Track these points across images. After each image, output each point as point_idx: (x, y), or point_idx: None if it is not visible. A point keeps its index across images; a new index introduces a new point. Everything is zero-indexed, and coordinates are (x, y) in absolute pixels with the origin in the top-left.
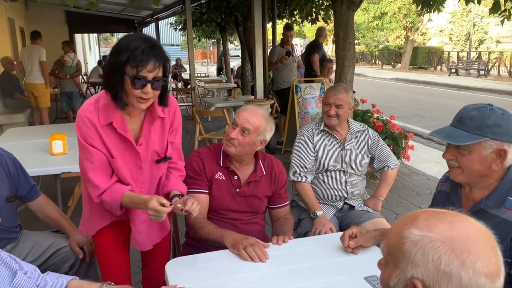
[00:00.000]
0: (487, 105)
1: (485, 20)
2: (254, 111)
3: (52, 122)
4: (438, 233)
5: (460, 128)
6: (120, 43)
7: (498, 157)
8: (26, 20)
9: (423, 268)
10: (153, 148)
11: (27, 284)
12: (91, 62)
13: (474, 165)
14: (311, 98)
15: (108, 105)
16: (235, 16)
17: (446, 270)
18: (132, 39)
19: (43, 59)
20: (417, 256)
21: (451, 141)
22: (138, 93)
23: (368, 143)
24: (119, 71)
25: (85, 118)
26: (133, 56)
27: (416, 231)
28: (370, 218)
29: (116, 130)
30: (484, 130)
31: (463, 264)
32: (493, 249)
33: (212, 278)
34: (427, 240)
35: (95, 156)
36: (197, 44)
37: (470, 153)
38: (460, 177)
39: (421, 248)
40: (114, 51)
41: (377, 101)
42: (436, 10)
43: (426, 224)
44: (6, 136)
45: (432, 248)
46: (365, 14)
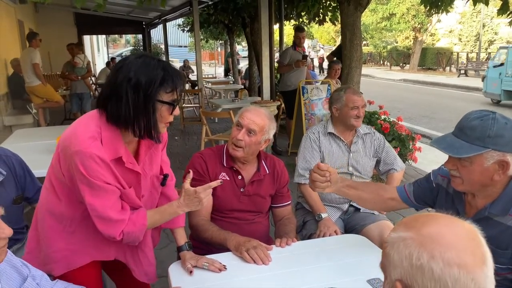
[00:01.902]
0: (490, 113)
1: (495, 21)
2: (258, 111)
3: (61, 123)
4: (412, 232)
5: (461, 138)
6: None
7: (500, 168)
8: (36, 22)
9: (400, 268)
10: (151, 173)
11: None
12: (100, 64)
13: (475, 176)
14: (317, 100)
15: (113, 138)
16: (243, 17)
17: (417, 264)
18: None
19: (35, 61)
20: (395, 256)
21: (451, 153)
22: (170, 118)
23: (374, 145)
24: (153, 102)
25: (94, 156)
26: (167, 82)
27: (393, 234)
28: (376, 220)
29: (123, 164)
30: (485, 141)
31: (432, 256)
32: (472, 242)
33: (215, 281)
34: (400, 239)
35: (110, 193)
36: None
37: (471, 164)
38: (461, 187)
39: (397, 248)
40: (137, 85)
41: (384, 102)
42: (444, 11)
43: (403, 226)
44: (14, 138)
45: (404, 246)
46: (373, 15)
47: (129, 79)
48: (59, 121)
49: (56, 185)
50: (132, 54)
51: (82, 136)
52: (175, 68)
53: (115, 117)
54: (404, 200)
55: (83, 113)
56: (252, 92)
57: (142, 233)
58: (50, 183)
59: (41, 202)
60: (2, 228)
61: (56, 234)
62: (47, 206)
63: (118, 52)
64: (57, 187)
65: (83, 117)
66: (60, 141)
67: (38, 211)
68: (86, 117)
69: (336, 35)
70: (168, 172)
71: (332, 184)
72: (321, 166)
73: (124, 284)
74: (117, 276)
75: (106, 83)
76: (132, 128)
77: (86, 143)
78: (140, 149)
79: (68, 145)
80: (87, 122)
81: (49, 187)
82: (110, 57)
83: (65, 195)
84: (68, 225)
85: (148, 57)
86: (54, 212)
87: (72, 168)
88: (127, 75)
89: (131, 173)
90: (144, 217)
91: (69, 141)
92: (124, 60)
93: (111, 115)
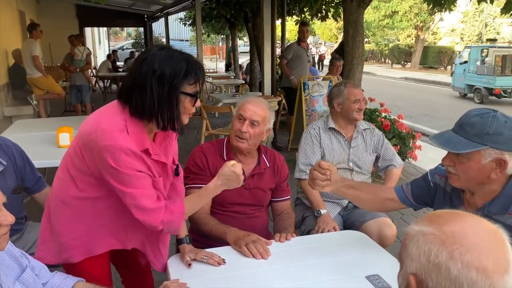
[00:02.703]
0: (491, 111)
1: (498, 20)
2: (258, 102)
3: (61, 114)
4: (434, 227)
5: (460, 134)
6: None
7: (497, 166)
8: (37, 13)
9: (416, 262)
10: (169, 163)
11: (34, 281)
12: (101, 56)
13: (471, 173)
14: (318, 96)
15: (138, 130)
16: (245, 12)
17: (435, 261)
18: (174, 57)
19: (34, 54)
20: (413, 250)
21: (449, 148)
22: (192, 109)
23: (374, 141)
24: (178, 94)
25: (124, 148)
26: (191, 74)
27: (415, 227)
28: (375, 217)
29: (150, 156)
30: (484, 138)
31: (451, 256)
32: (496, 246)
33: (214, 274)
34: (422, 234)
35: (143, 181)
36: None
37: (468, 160)
38: (458, 183)
39: (416, 242)
40: (162, 77)
41: (385, 100)
42: (448, 9)
43: (426, 220)
44: (14, 128)
45: (424, 241)
46: (375, 13)
47: (154, 71)
48: (59, 113)
49: (75, 176)
50: (155, 46)
51: (109, 129)
52: (197, 60)
53: (139, 109)
54: (403, 200)
55: (82, 105)
56: (253, 87)
57: (182, 222)
58: (68, 173)
59: (54, 194)
60: (5, 215)
61: (74, 224)
62: (63, 196)
63: (119, 45)
64: (78, 178)
65: (104, 109)
66: (82, 135)
67: (52, 203)
68: (107, 109)
69: (337, 32)
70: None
71: (331, 183)
72: (323, 165)
73: (127, 274)
74: (121, 267)
75: (129, 75)
76: (156, 120)
77: (114, 136)
78: (155, 140)
79: (94, 139)
80: (111, 114)
81: (66, 178)
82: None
83: (87, 184)
84: (89, 212)
85: (171, 49)
86: (71, 202)
87: (101, 163)
88: (152, 66)
89: (157, 164)
90: (182, 205)
91: (95, 135)
92: (147, 52)
93: (135, 108)
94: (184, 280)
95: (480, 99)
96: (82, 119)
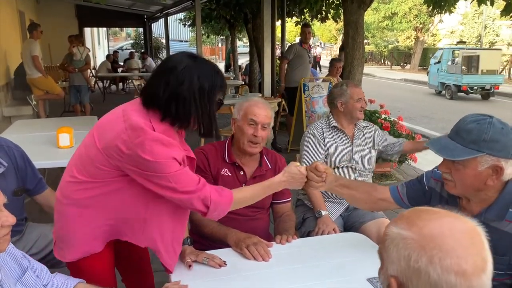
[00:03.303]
0: (487, 117)
1: (497, 23)
2: (263, 104)
3: (60, 115)
4: (413, 231)
5: (456, 141)
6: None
7: (494, 173)
8: (37, 14)
9: (397, 265)
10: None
11: (35, 283)
12: (100, 57)
13: (468, 180)
14: (318, 97)
15: (167, 130)
16: (245, 13)
17: (415, 266)
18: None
19: (34, 54)
20: (393, 253)
21: (445, 155)
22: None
23: (373, 137)
24: (213, 100)
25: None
26: (223, 82)
27: (394, 229)
28: (374, 218)
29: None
30: (480, 144)
31: (431, 261)
32: (474, 247)
33: (215, 276)
34: (401, 238)
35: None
36: (206, 41)
37: (464, 167)
38: (454, 190)
39: (396, 245)
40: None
41: (385, 102)
42: (448, 11)
43: (405, 222)
44: (14, 128)
45: (404, 245)
46: (375, 14)
47: (195, 84)
48: (59, 113)
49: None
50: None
51: (139, 127)
52: (220, 70)
53: (173, 117)
54: (397, 201)
55: (82, 105)
56: (253, 88)
57: (228, 208)
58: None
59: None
60: (6, 216)
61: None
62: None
63: (118, 45)
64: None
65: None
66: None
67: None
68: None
69: (337, 33)
70: None
71: (326, 183)
72: (319, 168)
73: (128, 272)
74: (122, 265)
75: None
76: (198, 127)
77: (146, 131)
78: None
79: (127, 139)
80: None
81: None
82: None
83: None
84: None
85: (203, 59)
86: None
87: (138, 162)
88: (191, 79)
89: (187, 159)
90: (230, 194)
91: (126, 136)
92: (178, 62)
93: (170, 115)
94: (185, 282)
95: (451, 95)
96: (82, 120)
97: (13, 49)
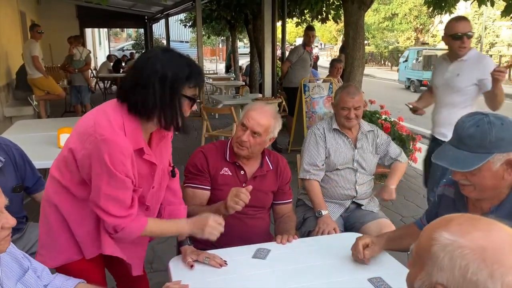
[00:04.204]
0: (483, 117)
1: (497, 23)
2: (263, 110)
3: (61, 115)
4: (470, 240)
5: (463, 149)
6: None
7: (508, 166)
8: (38, 14)
9: (448, 274)
10: (162, 165)
11: (36, 283)
12: (101, 57)
13: (486, 182)
14: (319, 98)
15: (135, 129)
16: (245, 14)
17: (472, 279)
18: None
19: (34, 54)
20: (444, 260)
21: (459, 168)
22: (188, 112)
23: (376, 142)
24: (179, 96)
25: (122, 147)
26: (192, 77)
27: (446, 235)
28: (375, 218)
29: (142, 155)
30: (487, 146)
31: (492, 275)
32: None
33: (215, 276)
34: (457, 246)
35: (126, 187)
36: (206, 41)
37: (480, 171)
38: (474, 193)
39: (449, 253)
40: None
41: (385, 103)
42: (448, 12)
43: (459, 229)
44: (15, 128)
45: (461, 255)
46: (375, 15)
47: (156, 72)
48: (59, 114)
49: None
50: (158, 47)
51: (109, 125)
52: (198, 65)
53: (139, 108)
54: None
55: (82, 106)
56: (253, 89)
57: (136, 235)
58: (59, 172)
59: (47, 195)
60: (7, 218)
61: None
62: (55, 197)
63: (119, 46)
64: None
65: (104, 106)
66: (78, 131)
67: (45, 204)
68: (106, 106)
69: (337, 34)
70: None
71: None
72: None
73: (120, 276)
74: (114, 269)
75: (130, 74)
76: (158, 119)
77: (115, 132)
78: (152, 141)
79: (92, 133)
80: (110, 112)
81: (55, 178)
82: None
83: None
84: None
85: (175, 52)
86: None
87: (94, 156)
88: (154, 68)
89: (147, 164)
90: (144, 225)
91: (92, 129)
92: (149, 52)
93: (135, 106)
94: (186, 282)
95: (414, 89)
96: None
97: (14, 50)
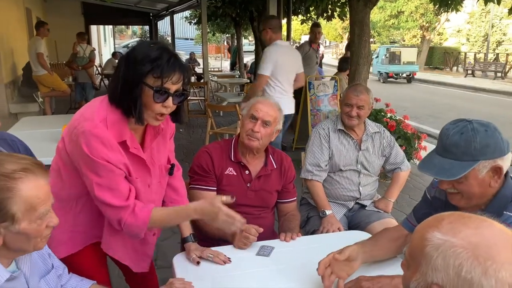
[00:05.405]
0: (467, 124)
1: (504, 22)
2: (269, 102)
3: (66, 112)
4: (462, 238)
5: (449, 157)
6: (138, 51)
7: (494, 173)
8: (44, 11)
9: (443, 274)
10: (159, 163)
11: (56, 283)
12: (106, 54)
13: (473, 189)
14: (324, 96)
15: (118, 121)
16: (250, 11)
17: (467, 277)
18: (151, 47)
19: (39, 51)
20: (438, 260)
21: (445, 177)
22: (158, 107)
23: (383, 144)
24: (139, 82)
25: (100, 136)
26: (158, 66)
27: (439, 235)
28: (380, 218)
29: (128, 149)
30: (473, 154)
31: (485, 272)
32: None
33: (219, 273)
34: (449, 245)
35: (114, 174)
36: (211, 39)
37: (466, 179)
38: (462, 202)
39: (442, 252)
40: (132, 60)
41: (391, 101)
42: (454, 9)
43: (450, 228)
44: (20, 125)
45: (454, 254)
46: (381, 12)
47: (128, 56)
48: (65, 110)
49: (61, 167)
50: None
51: (89, 118)
52: (177, 59)
53: (111, 95)
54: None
55: (87, 102)
56: None
57: (143, 231)
58: (56, 167)
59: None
60: (52, 217)
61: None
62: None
63: (124, 43)
64: (63, 169)
65: (95, 100)
66: (68, 124)
67: None
68: (94, 101)
69: (343, 31)
70: (173, 162)
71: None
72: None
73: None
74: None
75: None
76: (121, 105)
77: (93, 124)
78: (146, 136)
79: (76, 126)
80: (95, 105)
81: (54, 172)
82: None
83: (69, 176)
84: (74, 206)
85: (159, 43)
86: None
87: (77, 150)
88: (128, 52)
89: (137, 160)
90: (147, 215)
91: (77, 122)
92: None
93: (111, 94)
94: (190, 279)
95: (383, 80)
96: None
97: (20, 47)
